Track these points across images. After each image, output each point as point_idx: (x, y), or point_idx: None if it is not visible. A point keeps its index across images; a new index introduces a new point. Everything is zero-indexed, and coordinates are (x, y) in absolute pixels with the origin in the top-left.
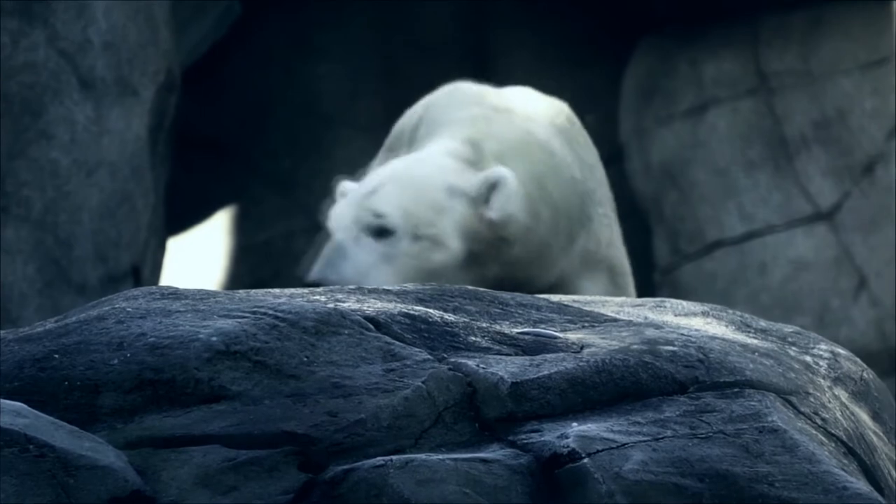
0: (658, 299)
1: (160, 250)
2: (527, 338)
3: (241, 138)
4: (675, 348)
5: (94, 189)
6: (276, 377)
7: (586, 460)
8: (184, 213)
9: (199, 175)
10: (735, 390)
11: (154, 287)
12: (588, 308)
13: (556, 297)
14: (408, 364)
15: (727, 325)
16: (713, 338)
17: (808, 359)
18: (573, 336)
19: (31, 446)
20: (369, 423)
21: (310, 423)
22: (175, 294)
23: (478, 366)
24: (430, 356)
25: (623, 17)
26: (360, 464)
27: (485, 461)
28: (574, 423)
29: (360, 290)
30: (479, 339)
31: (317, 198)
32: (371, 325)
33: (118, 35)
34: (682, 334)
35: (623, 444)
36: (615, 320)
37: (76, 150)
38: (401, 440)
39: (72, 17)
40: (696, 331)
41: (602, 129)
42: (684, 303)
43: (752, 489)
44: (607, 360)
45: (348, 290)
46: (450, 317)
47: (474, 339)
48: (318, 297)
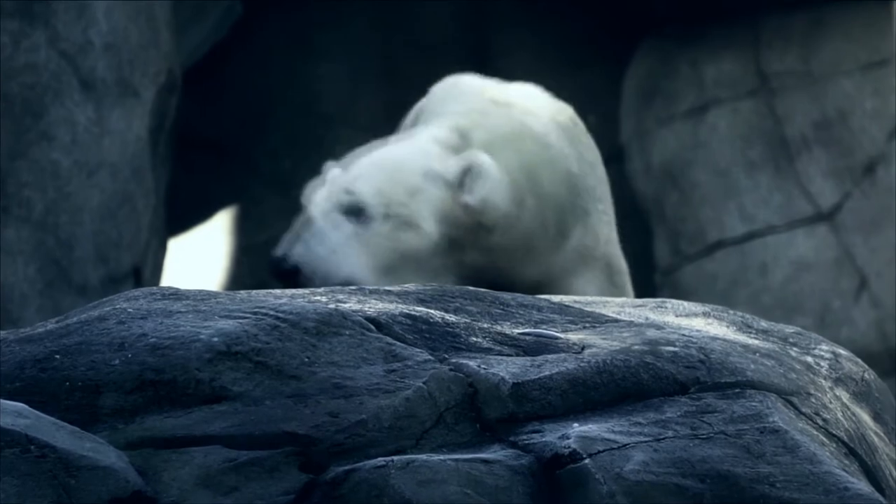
0: (659, 300)
1: (161, 251)
2: (528, 338)
3: (241, 139)
4: (676, 349)
5: (94, 190)
6: (278, 378)
7: (587, 461)
8: (184, 213)
9: (200, 175)
10: (736, 391)
11: (155, 288)
12: (589, 309)
13: (557, 298)
14: (409, 365)
15: (728, 326)
16: (714, 338)
17: (809, 359)
18: (574, 337)
19: (32, 447)
20: (370, 424)
21: (311, 423)
22: (176, 295)
23: (479, 366)
24: (431, 357)
25: (623, 18)
26: (361, 464)
27: (486, 462)
28: (575, 424)
29: (362, 290)
30: (480, 340)
31: None
32: (372, 326)
33: (119, 36)
34: (684, 335)
35: (624, 445)
36: (616, 321)
37: (77, 151)
38: (402, 441)
39: (73, 18)
40: (698, 331)
41: (603, 130)
42: (685, 303)
43: (753, 490)
44: (608, 361)
45: (349, 290)
46: (451, 317)
47: (475, 339)
48: (319, 297)
